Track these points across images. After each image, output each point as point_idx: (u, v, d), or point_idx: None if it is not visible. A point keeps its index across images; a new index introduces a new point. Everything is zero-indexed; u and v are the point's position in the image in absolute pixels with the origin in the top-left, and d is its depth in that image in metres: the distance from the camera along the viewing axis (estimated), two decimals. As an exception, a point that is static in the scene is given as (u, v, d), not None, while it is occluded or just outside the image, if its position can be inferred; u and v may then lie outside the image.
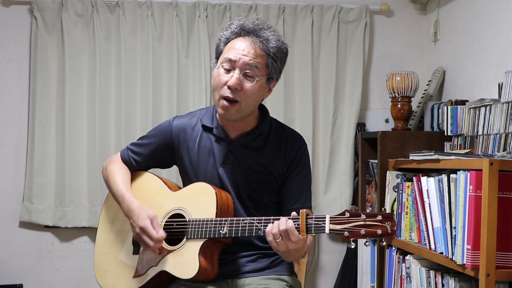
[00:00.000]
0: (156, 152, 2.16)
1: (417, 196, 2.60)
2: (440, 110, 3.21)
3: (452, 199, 2.34)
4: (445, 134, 3.08)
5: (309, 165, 2.13)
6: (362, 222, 1.74)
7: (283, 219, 1.81)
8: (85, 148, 3.54)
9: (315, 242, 3.72)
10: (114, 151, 3.38)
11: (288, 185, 2.07)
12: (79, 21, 3.54)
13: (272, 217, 1.87)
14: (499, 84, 2.78)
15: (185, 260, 1.95)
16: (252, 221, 1.90)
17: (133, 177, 2.17)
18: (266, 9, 3.64)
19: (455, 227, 2.31)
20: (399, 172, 2.87)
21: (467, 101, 3.02)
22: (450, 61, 3.48)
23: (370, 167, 3.42)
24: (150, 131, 2.20)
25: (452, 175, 2.34)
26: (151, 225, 1.96)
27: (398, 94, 3.35)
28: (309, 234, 1.82)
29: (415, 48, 3.84)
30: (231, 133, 2.06)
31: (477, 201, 2.17)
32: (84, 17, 3.54)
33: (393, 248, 2.90)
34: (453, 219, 2.33)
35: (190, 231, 1.97)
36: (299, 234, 1.79)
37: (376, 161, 3.17)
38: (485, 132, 2.74)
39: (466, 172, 2.23)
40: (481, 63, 3.14)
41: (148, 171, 2.20)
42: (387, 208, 2.92)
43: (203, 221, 1.96)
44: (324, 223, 1.77)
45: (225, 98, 1.96)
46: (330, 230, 1.76)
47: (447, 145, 3.11)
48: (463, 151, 2.69)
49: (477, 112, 2.82)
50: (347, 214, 1.76)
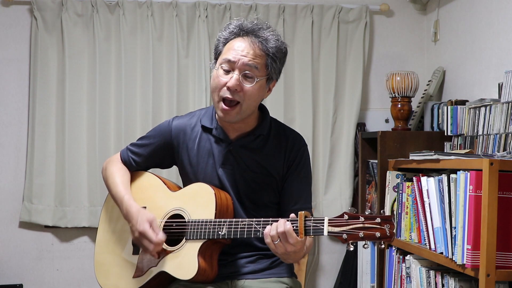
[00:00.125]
0: (156, 153, 2.15)
1: (417, 196, 2.60)
2: (440, 110, 3.21)
3: (452, 199, 2.34)
4: (445, 134, 3.08)
5: (309, 166, 2.12)
6: (361, 225, 1.73)
7: (281, 221, 1.80)
8: (85, 148, 3.54)
9: (315, 242, 3.72)
10: (114, 151, 3.38)
11: (288, 186, 2.06)
12: (79, 21, 3.53)
13: (271, 219, 1.85)
14: (499, 84, 2.78)
15: (184, 261, 1.95)
16: (251, 223, 1.88)
17: (133, 177, 2.17)
18: (266, 9, 3.64)
19: (455, 227, 2.31)
20: (399, 172, 2.87)
21: (467, 101, 3.02)
22: (450, 61, 3.47)
23: (370, 167, 3.42)
24: (150, 132, 2.20)
25: (452, 175, 2.34)
26: (150, 229, 1.96)
27: (398, 94, 3.34)
28: (308, 236, 1.81)
29: (415, 48, 3.83)
30: (231, 134, 2.06)
31: (477, 201, 2.16)
32: (84, 17, 3.54)
33: (393, 248, 2.90)
34: (453, 219, 2.33)
35: (189, 232, 1.96)
36: (297, 236, 1.78)
37: (376, 161, 3.17)
38: (485, 132, 2.74)
39: (466, 172, 2.23)
40: (481, 63, 3.14)
41: (148, 171, 2.20)
42: (387, 208, 2.92)
43: (202, 222, 1.95)
44: (323, 225, 1.76)
45: (225, 100, 1.95)
46: (329, 233, 1.75)
47: (447, 145, 3.11)
48: (463, 151, 2.69)
49: (477, 112, 2.82)
50: (346, 217, 1.74)
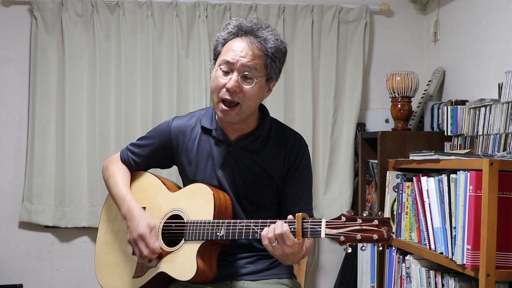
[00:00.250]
0: (155, 153, 2.15)
1: (417, 196, 2.60)
2: (440, 110, 3.21)
3: (452, 199, 2.34)
4: (445, 134, 3.08)
5: (310, 166, 2.10)
6: (358, 227, 1.72)
7: (279, 223, 1.79)
8: (85, 148, 3.54)
9: (315, 243, 3.72)
10: (114, 151, 3.38)
11: (288, 187, 2.05)
12: (79, 21, 3.53)
13: (268, 220, 1.84)
14: (499, 84, 2.78)
15: (183, 262, 1.94)
16: (249, 224, 1.88)
17: (133, 177, 2.17)
18: (266, 9, 3.64)
19: (455, 227, 2.31)
20: (399, 172, 2.87)
21: (467, 101, 3.02)
22: (450, 61, 3.47)
23: (370, 167, 3.42)
24: (149, 132, 2.19)
25: (452, 175, 2.34)
26: (149, 235, 1.97)
27: (398, 94, 3.34)
28: (306, 238, 1.80)
29: (415, 48, 3.83)
30: (231, 135, 2.04)
31: (477, 201, 2.16)
32: (84, 17, 3.54)
33: (393, 248, 2.90)
34: (453, 219, 2.33)
35: (188, 233, 1.96)
36: (295, 238, 1.77)
37: (376, 161, 3.17)
38: (485, 132, 2.74)
39: (466, 172, 2.22)
40: (481, 63, 3.13)
41: (148, 171, 2.20)
42: (387, 208, 2.92)
43: (201, 223, 1.95)
44: (320, 227, 1.75)
45: (224, 101, 1.94)
46: (326, 235, 1.74)
47: (447, 145, 3.11)
48: (463, 151, 2.69)
49: (477, 112, 2.82)
50: (343, 219, 1.73)
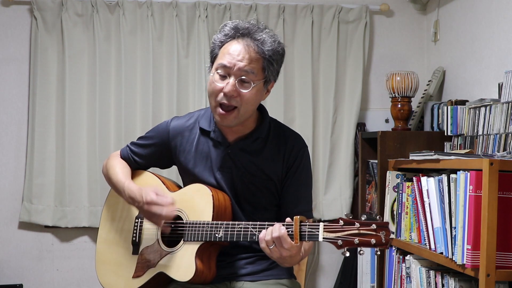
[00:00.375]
0: (154, 153, 2.14)
1: (417, 196, 2.60)
2: (440, 110, 3.21)
3: (452, 199, 2.34)
4: (445, 134, 3.08)
5: (310, 167, 2.08)
6: (356, 231, 1.71)
7: (276, 226, 1.79)
8: (85, 148, 3.54)
9: (315, 243, 3.70)
10: (114, 151, 3.36)
11: (288, 188, 2.04)
12: (79, 21, 3.53)
13: (266, 223, 1.84)
14: (499, 84, 2.77)
15: (182, 263, 1.94)
16: (247, 226, 1.87)
17: (133, 176, 2.16)
18: (266, 9, 3.64)
19: (455, 227, 2.31)
20: (399, 172, 2.87)
21: (467, 101, 3.02)
22: (450, 61, 3.47)
23: (370, 167, 3.42)
24: (149, 132, 2.19)
25: (452, 175, 2.34)
26: (157, 197, 1.94)
27: (398, 94, 3.34)
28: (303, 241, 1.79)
29: (415, 48, 3.83)
30: (229, 137, 2.03)
31: (477, 201, 2.16)
32: (84, 17, 3.54)
33: (393, 248, 2.90)
34: (453, 219, 2.33)
35: (187, 234, 1.96)
36: (292, 241, 1.76)
37: (376, 161, 3.17)
38: (485, 132, 2.74)
39: (466, 172, 2.22)
40: (481, 63, 3.13)
41: (148, 171, 2.20)
42: (387, 208, 2.92)
43: (200, 224, 1.94)
44: (318, 231, 1.74)
45: (222, 105, 1.93)
46: (324, 239, 1.73)
47: (447, 145, 3.11)
48: (463, 151, 2.69)
49: (477, 112, 2.82)
50: (341, 222, 1.73)
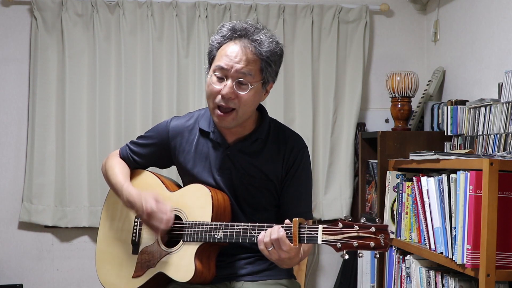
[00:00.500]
0: (154, 153, 2.14)
1: (417, 196, 2.60)
2: (440, 110, 3.21)
3: (452, 199, 2.34)
4: (445, 134, 3.08)
5: (309, 168, 2.08)
6: (355, 234, 1.71)
7: (275, 228, 1.78)
8: (85, 148, 3.54)
9: (315, 244, 3.71)
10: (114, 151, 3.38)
11: (287, 189, 2.03)
12: (79, 21, 3.53)
13: (266, 225, 1.83)
14: (499, 84, 2.77)
15: (182, 263, 1.94)
16: (246, 227, 1.87)
17: (132, 176, 2.16)
18: (266, 9, 3.64)
19: (455, 227, 2.31)
20: (399, 172, 2.87)
21: (467, 101, 3.02)
22: (450, 61, 3.47)
23: (370, 167, 3.42)
24: (149, 131, 2.18)
25: (452, 175, 2.34)
26: (157, 209, 1.94)
27: (398, 94, 3.34)
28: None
29: (415, 48, 3.83)
30: (229, 138, 2.02)
31: (477, 201, 2.16)
32: (84, 17, 3.54)
33: (393, 248, 2.90)
34: (453, 219, 2.33)
35: (187, 234, 1.95)
36: (291, 244, 1.76)
37: (376, 161, 3.17)
38: (485, 132, 2.74)
39: (466, 172, 2.22)
40: (481, 63, 3.13)
41: (147, 170, 2.19)
42: (387, 208, 2.92)
43: (199, 225, 1.94)
44: (317, 233, 1.74)
45: (220, 107, 1.92)
46: (323, 241, 1.73)
47: (447, 145, 3.11)
48: (463, 151, 2.69)
49: (477, 112, 2.82)
50: (340, 225, 1.73)
